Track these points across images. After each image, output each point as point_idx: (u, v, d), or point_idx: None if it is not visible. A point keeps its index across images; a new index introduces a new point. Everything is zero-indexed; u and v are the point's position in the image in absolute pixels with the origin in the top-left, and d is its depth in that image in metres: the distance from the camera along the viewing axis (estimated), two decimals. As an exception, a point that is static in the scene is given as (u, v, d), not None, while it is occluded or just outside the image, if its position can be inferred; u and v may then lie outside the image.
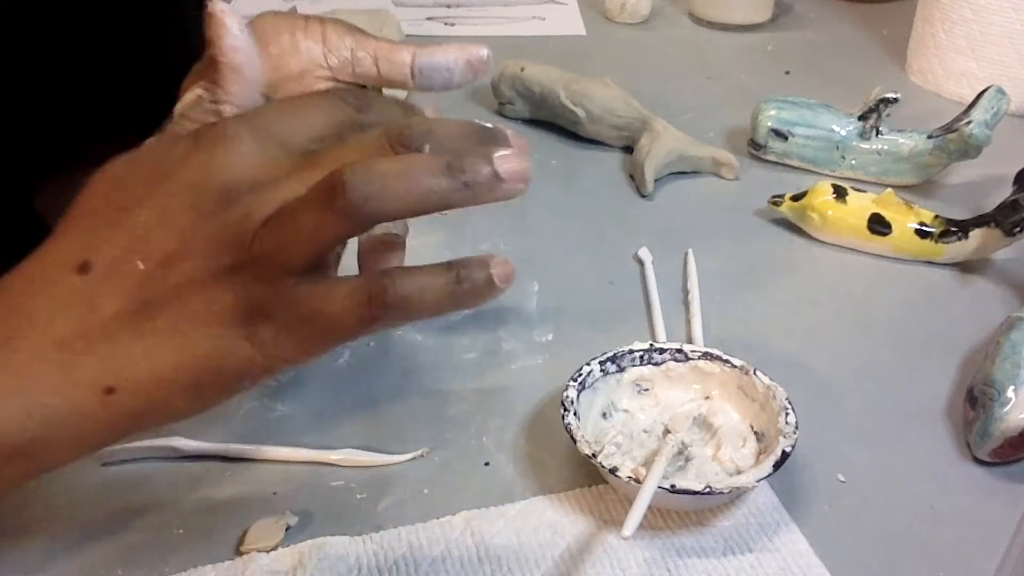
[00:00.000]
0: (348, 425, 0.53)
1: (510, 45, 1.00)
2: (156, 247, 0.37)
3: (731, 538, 0.47)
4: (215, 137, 0.38)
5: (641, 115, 0.79)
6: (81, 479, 0.49)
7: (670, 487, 0.45)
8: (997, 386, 0.51)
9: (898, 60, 1.00)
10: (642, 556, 0.46)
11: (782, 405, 0.50)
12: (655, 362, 0.54)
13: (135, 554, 0.45)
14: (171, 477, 0.49)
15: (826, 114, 0.78)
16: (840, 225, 0.68)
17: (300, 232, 0.36)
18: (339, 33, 0.53)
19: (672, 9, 1.12)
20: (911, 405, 0.56)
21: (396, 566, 0.45)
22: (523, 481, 0.50)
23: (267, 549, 0.45)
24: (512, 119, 0.85)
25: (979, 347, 0.59)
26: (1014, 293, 0.65)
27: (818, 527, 0.47)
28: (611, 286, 0.65)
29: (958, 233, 0.66)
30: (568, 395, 0.50)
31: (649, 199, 0.75)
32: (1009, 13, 0.86)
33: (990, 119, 0.73)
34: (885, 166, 0.77)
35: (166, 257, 0.37)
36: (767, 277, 0.67)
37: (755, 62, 1.00)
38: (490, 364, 0.58)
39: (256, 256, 0.36)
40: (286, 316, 0.37)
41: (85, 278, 0.37)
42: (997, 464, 0.51)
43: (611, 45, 1.04)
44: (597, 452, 0.47)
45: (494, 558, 0.45)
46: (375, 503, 0.48)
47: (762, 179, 0.77)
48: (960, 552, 0.47)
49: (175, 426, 0.52)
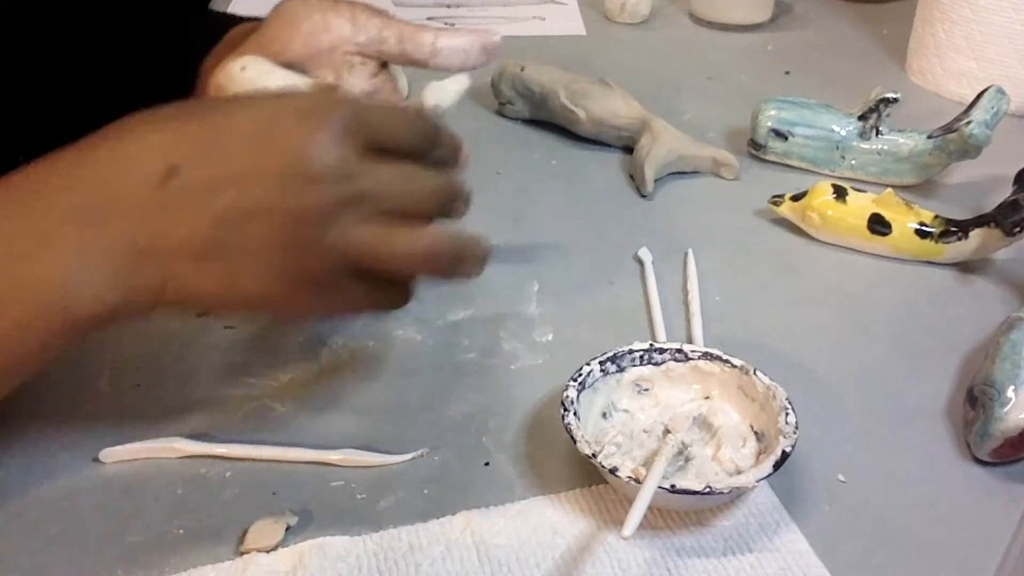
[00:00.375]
0: (348, 425, 0.53)
1: (510, 45, 0.99)
2: (242, 196, 0.41)
3: (731, 538, 0.47)
4: (325, 119, 0.42)
5: (641, 115, 0.79)
6: (81, 479, 0.49)
7: (670, 487, 0.45)
8: (997, 386, 0.51)
9: (898, 60, 1.00)
10: (642, 556, 0.46)
11: (782, 405, 0.50)
12: (655, 362, 0.54)
13: (135, 554, 0.45)
14: (171, 477, 0.49)
15: (826, 114, 0.78)
16: (840, 225, 0.68)
17: (383, 255, 0.43)
18: (367, 14, 0.57)
19: (672, 9, 1.12)
20: (911, 405, 0.56)
21: (396, 566, 0.45)
22: (523, 481, 0.50)
23: (267, 549, 0.45)
24: (512, 119, 0.86)
25: (979, 347, 0.59)
26: (1014, 293, 0.65)
27: (818, 527, 0.47)
28: (611, 286, 0.65)
29: (958, 233, 0.66)
30: (568, 395, 0.50)
31: (649, 199, 0.75)
32: (1009, 13, 0.86)
33: (990, 119, 0.73)
34: (885, 166, 0.77)
35: (247, 211, 0.41)
36: (767, 277, 0.67)
37: (755, 62, 1.00)
38: (490, 364, 0.58)
39: (333, 246, 0.42)
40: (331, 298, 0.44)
41: (170, 185, 0.41)
42: (997, 464, 0.51)
43: (611, 45, 1.04)
44: (597, 452, 0.47)
45: (494, 558, 0.45)
46: (375, 503, 0.48)
47: (762, 179, 0.77)
48: (960, 552, 0.47)
49: (175, 426, 0.52)
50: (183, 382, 0.54)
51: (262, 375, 0.56)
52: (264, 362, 0.57)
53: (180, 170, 0.41)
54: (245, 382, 0.55)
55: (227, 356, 0.57)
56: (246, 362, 0.56)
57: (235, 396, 0.54)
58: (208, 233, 0.42)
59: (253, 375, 0.56)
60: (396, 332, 0.59)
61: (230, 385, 0.55)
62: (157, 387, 0.53)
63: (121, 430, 0.51)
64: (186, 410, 0.53)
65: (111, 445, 0.50)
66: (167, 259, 0.42)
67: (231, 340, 0.58)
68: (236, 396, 0.54)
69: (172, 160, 0.41)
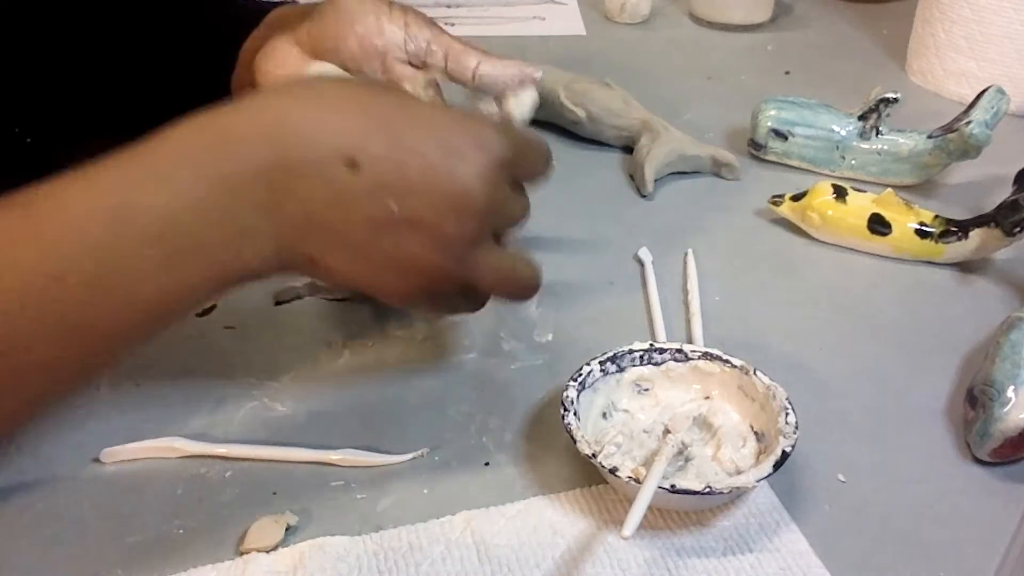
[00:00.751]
0: (348, 425, 0.53)
1: (510, 45, 1.00)
2: (405, 208, 0.44)
3: (731, 538, 0.47)
4: (494, 153, 0.45)
5: (641, 115, 0.79)
6: (81, 479, 0.49)
7: (670, 487, 0.45)
8: (997, 386, 0.51)
9: (898, 60, 1.00)
10: (642, 556, 0.46)
11: (782, 405, 0.50)
12: (655, 362, 0.54)
13: (135, 554, 0.45)
14: (171, 477, 0.49)
15: (826, 114, 0.78)
16: (840, 225, 0.68)
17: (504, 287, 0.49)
18: (419, 24, 0.59)
19: (672, 9, 1.12)
20: (911, 405, 0.56)
21: (396, 566, 0.45)
22: (523, 481, 0.50)
23: (267, 549, 0.45)
24: (512, 119, 0.85)
25: (979, 347, 0.59)
26: (1014, 293, 0.65)
27: (818, 527, 0.47)
28: (611, 286, 0.65)
29: (958, 233, 0.66)
30: (568, 395, 0.50)
31: (649, 199, 0.75)
32: (1009, 13, 0.86)
33: (990, 119, 0.73)
34: (885, 166, 0.77)
35: (407, 223, 0.44)
36: (767, 277, 0.67)
37: (755, 62, 1.00)
38: (490, 364, 0.58)
39: (466, 271, 0.46)
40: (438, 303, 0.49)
41: (353, 174, 0.43)
42: (997, 464, 0.51)
43: (611, 45, 1.04)
44: (597, 452, 0.47)
45: (494, 558, 0.45)
46: (375, 503, 0.48)
47: (762, 179, 0.77)
48: (960, 552, 0.47)
49: (175, 426, 0.52)
50: (183, 382, 0.54)
51: (262, 375, 0.56)
52: (264, 362, 0.57)
53: (360, 166, 0.43)
54: (245, 382, 0.55)
55: (227, 356, 0.57)
56: (246, 362, 0.56)
57: (235, 396, 0.54)
58: (365, 234, 0.44)
59: (253, 375, 0.56)
60: (396, 332, 0.59)
61: (230, 385, 0.55)
62: (157, 387, 0.53)
63: (121, 430, 0.51)
64: (186, 410, 0.53)
65: (111, 445, 0.50)
66: (327, 241, 0.44)
67: (231, 340, 0.58)
68: (236, 396, 0.54)
69: (353, 153, 0.43)
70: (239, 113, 0.44)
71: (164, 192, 0.42)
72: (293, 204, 0.43)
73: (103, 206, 0.41)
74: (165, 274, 0.42)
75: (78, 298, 0.41)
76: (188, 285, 0.43)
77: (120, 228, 0.41)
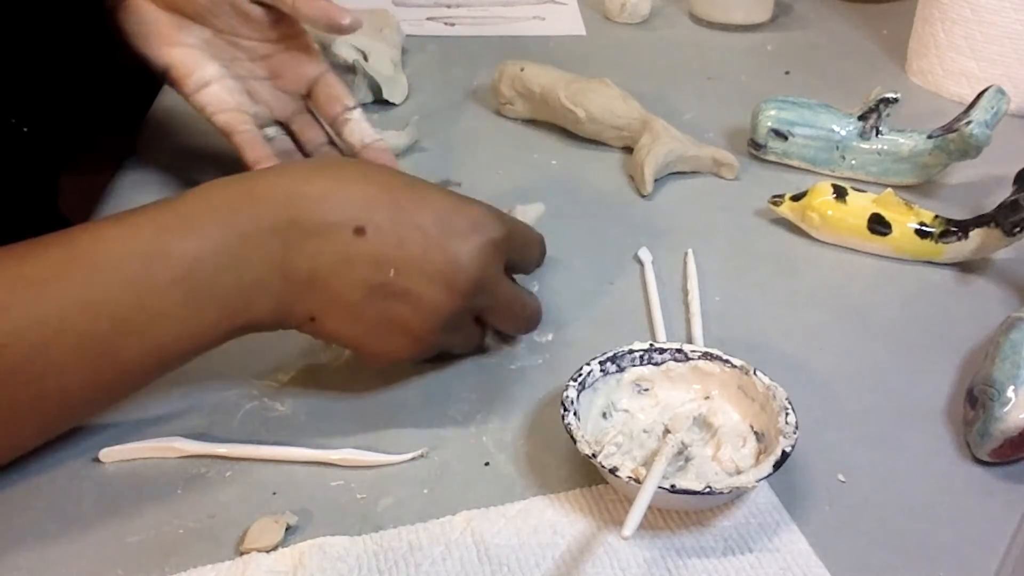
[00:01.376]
0: (348, 425, 0.53)
1: (510, 45, 1.00)
2: (400, 277, 0.49)
3: (731, 538, 0.47)
4: (489, 238, 0.50)
5: (641, 115, 0.79)
6: (81, 479, 0.49)
7: (670, 487, 0.45)
8: (997, 386, 0.51)
9: (898, 60, 1.00)
10: (642, 556, 0.46)
11: (782, 405, 0.50)
12: (655, 362, 0.54)
13: (135, 554, 0.45)
14: (171, 477, 0.49)
15: (826, 114, 0.78)
16: (840, 225, 0.68)
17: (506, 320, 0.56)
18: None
19: (672, 9, 1.12)
20: (911, 405, 0.56)
21: (396, 566, 0.45)
22: (523, 481, 0.50)
23: (267, 549, 0.45)
24: (512, 119, 0.85)
25: (979, 347, 0.59)
26: (1014, 293, 0.65)
27: (818, 527, 0.47)
28: (611, 286, 0.65)
29: (958, 233, 0.66)
30: (568, 395, 0.50)
31: (649, 199, 0.75)
32: (1009, 13, 0.86)
33: (990, 119, 0.73)
34: (885, 166, 0.77)
35: (399, 292, 0.49)
36: (767, 277, 0.67)
37: (755, 62, 1.00)
38: (490, 364, 0.58)
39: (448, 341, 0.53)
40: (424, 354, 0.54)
41: (360, 240, 0.48)
42: (997, 464, 0.51)
43: (611, 45, 1.04)
44: (597, 452, 0.47)
45: (494, 558, 0.45)
46: (375, 503, 0.48)
47: (762, 179, 0.77)
48: (960, 552, 0.47)
49: (175, 426, 0.52)
50: (183, 382, 0.54)
51: (262, 375, 0.56)
52: (264, 362, 0.57)
53: (366, 233, 0.48)
54: (245, 382, 0.55)
55: (227, 356, 0.57)
56: (246, 362, 0.56)
57: (235, 396, 0.54)
58: (363, 295, 0.49)
59: (253, 375, 0.56)
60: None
61: (230, 385, 0.55)
62: (157, 387, 0.53)
63: (121, 430, 0.51)
64: (186, 410, 0.53)
65: (111, 445, 0.50)
66: (327, 300, 0.49)
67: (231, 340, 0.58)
68: (236, 396, 0.54)
69: (362, 222, 0.48)
70: (263, 177, 0.50)
71: (191, 239, 0.46)
72: (302, 260, 0.48)
73: (139, 246, 0.46)
74: (184, 313, 0.46)
75: (108, 330, 0.45)
76: (202, 327, 0.47)
77: (152, 268, 0.46)
